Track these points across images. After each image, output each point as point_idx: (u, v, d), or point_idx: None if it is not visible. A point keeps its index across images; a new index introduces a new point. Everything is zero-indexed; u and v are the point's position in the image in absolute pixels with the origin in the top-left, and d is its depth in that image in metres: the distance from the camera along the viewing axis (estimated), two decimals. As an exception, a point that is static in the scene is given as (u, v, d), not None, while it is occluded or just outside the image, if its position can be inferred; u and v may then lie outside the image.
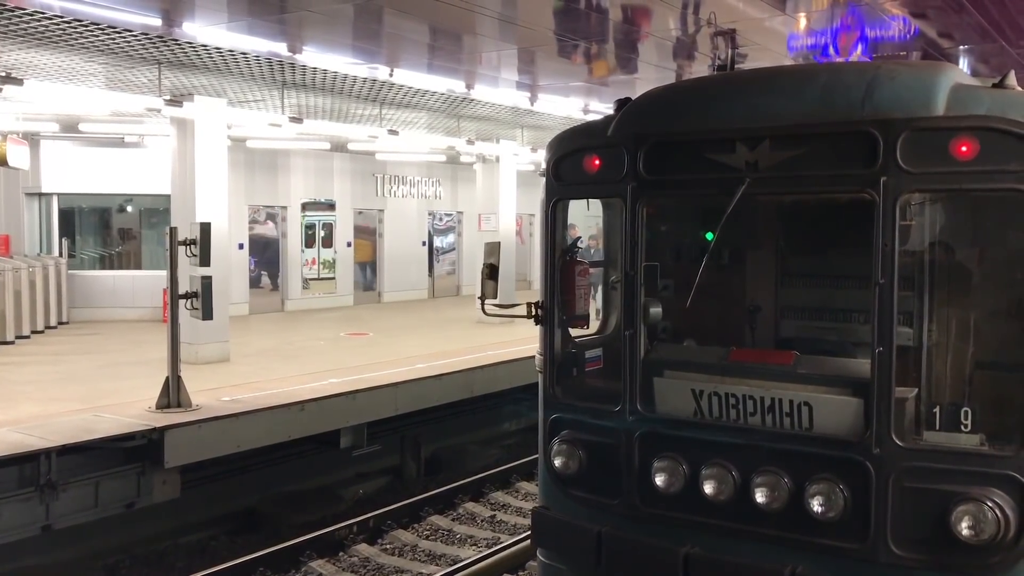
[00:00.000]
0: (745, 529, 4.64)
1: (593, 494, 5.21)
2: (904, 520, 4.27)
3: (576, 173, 5.30)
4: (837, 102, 4.46)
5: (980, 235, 4.93)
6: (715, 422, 4.85)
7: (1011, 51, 12.22)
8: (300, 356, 15.04)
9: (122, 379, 12.70)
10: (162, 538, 10.35)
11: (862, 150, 4.32)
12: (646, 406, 5.02)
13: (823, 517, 4.40)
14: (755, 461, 4.59)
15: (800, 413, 4.63)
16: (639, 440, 4.99)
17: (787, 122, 4.55)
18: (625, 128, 5.07)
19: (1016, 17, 10.61)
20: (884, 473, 4.29)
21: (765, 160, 4.58)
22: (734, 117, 4.72)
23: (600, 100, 16.95)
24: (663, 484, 4.85)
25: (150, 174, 19.38)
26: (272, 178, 22.53)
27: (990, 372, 4.75)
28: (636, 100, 5.27)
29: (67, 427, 9.65)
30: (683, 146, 4.89)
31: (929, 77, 4.45)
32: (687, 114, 5.00)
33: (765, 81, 5.14)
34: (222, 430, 10.26)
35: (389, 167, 25.47)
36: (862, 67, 5.19)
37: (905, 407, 4.51)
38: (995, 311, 4.83)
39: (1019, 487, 4.08)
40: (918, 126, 4.23)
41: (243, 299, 21.28)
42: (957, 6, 9.80)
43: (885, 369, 4.31)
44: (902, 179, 4.24)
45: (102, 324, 19.13)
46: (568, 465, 5.26)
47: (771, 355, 5.43)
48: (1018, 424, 4.19)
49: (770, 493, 4.53)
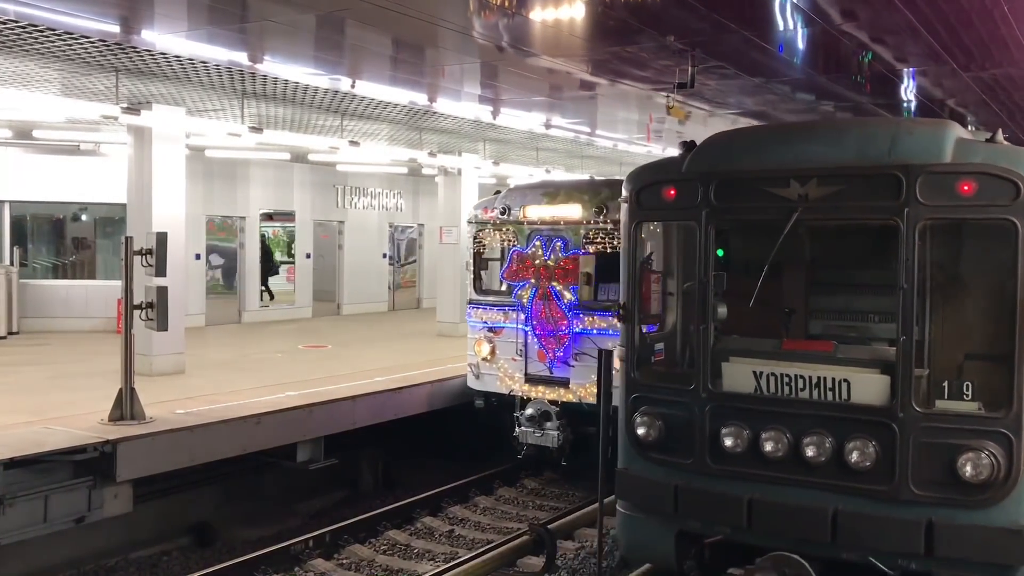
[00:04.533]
0: (796, 478, 6.06)
1: (669, 456, 6.59)
2: (921, 467, 5.73)
3: (654, 200, 6.80)
4: (869, 150, 6.00)
5: (974, 254, 6.49)
6: (772, 396, 6.29)
7: (962, 74, 12.54)
8: (257, 368, 14.88)
9: (74, 391, 12.46)
10: (113, 553, 10.16)
11: (889, 187, 5.83)
12: (715, 385, 6.47)
13: (858, 467, 5.87)
14: (804, 425, 6.05)
15: (840, 388, 6.09)
16: (710, 412, 6.39)
17: (830, 164, 6.07)
18: (697, 166, 6.56)
19: (967, 42, 10.90)
20: (906, 432, 5.77)
21: (813, 193, 6.09)
22: (787, 160, 6.25)
23: (562, 115, 17.08)
24: (730, 445, 6.27)
25: (106, 183, 19.07)
26: (231, 188, 22.32)
27: (982, 359, 6.17)
28: (702, 144, 6.76)
29: (16, 440, 9.43)
30: (746, 181, 6.38)
31: (939, 133, 5.96)
32: (748, 156, 6.48)
33: (810, 132, 6.89)
34: (176, 443, 10.11)
35: (350, 178, 25.37)
36: (887, 123, 7.21)
37: (921, 382, 5.95)
38: (986, 312, 6.33)
39: (1007, 440, 5.58)
40: (931, 170, 5.73)
41: (199, 310, 21.01)
42: (912, 31, 10.03)
43: (907, 353, 5.82)
44: (920, 210, 5.75)
45: (54, 335, 18.78)
46: (648, 434, 6.66)
47: (815, 344, 6.81)
48: (1004, 396, 5.65)
49: (816, 449, 5.99)
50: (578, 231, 11.73)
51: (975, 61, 11.90)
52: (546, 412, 11.89)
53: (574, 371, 11.76)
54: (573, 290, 11.58)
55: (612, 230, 11.28)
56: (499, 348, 12.40)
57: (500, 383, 12.43)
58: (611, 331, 11.26)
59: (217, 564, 9.62)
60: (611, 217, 11.34)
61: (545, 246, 11.98)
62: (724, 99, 14.61)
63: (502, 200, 12.56)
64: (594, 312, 11.58)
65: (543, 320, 11.97)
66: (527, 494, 12.66)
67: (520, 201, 12.37)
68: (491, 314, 12.51)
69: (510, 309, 12.28)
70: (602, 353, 8.53)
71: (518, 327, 12.17)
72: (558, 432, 11.83)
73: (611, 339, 11.11)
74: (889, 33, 10.34)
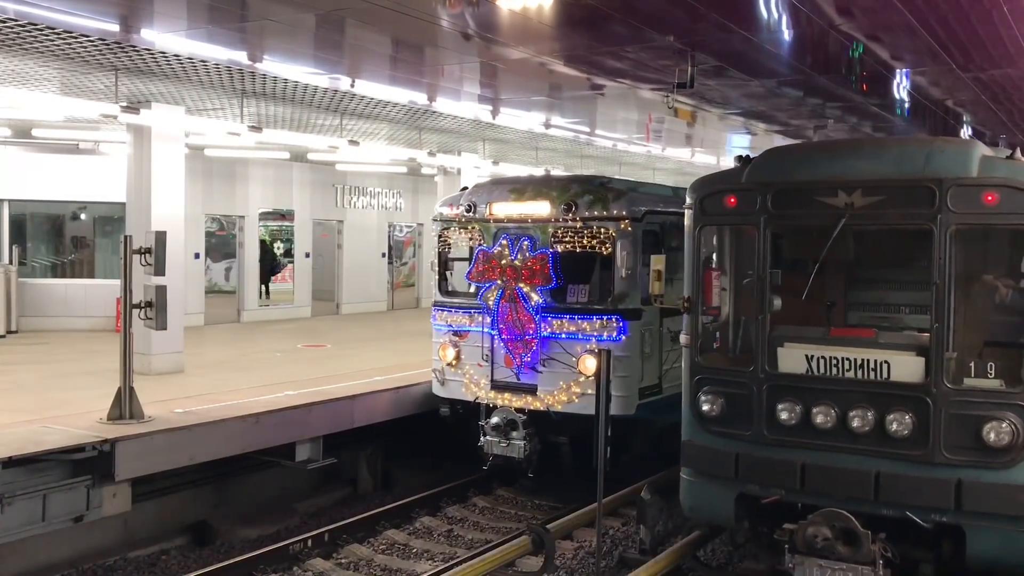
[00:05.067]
0: (843, 446, 7.10)
1: (729, 428, 7.62)
2: (951, 434, 6.78)
3: (716, 207, 7.83)
4: (906, 166, 7.07)
5: (995, 255, 7.67)
6: (821, 376, 7.32)
7: (960, 73, 12.54)
8: (256, 368, 14.88)
9: (73, 390, 12.46)
10: (111, 552, 10.15)
11: (924, 197, 6.88)
12: (772, 367, 7.48)
13: (897, 435, 6.92)
14: (850, 400, 7.09)
15: (881, 368, 7.14)
16: (767, 390, 7.44)
17: (873, 177, 7.08)
18: (755, 177, 7.60)
19: (963, 40, 10.90)
20: (938, 405, 6.81)
21: (858, 202, 7.08)
22: (835, 173, 7.25)
23: (561, 115, 17.08)
24: (785, 418, 7.31)
25: (105, 181, 19.06)
26: (230, 187, 22.31)
27: (1001, 345, 7.21)
28: (759, 158, 7.86)
29: (14, 439, 9.42)
30: (799, 191, 7.40)
31: (966, 151, 7.06)
32: (801, 169, 7.58)
33: (855, 149, 7.73)
34: (175, 442, 10.10)
35: (349, 178, 25.36)
36: (922, 142, 8.38)
37: (951, 363, 6.92)
38: (1003, 307, 7.47)
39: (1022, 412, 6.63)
40: (960, 183, 6.78)
41: (198, 309, 21.00)
42: (909, 30, 10.03)
43: (939, 339, 6.85)
44: (950, 217, 6.79)
45: (53, 333, 18.77)
46: (711, 410, 7.70)
47: (860, 331, 7.87)
48: (1018, 376, 6.76)
49: (861, 421, 7.02)
50: (546, 229, 11.03)
51: (974, 62, 11.90)
52: (512, 421, 11.21)
53: (542, 377, 11.07)
54: (540, 291, 10.99)
55: (581, 228, 10.82)
56: (464, 353, 11.65)
57: (465, 390, 11.67)
58: (580, 335, 10.82)
59: (216, 563, 9.61)
60: (580, 215, 10.82)
61: (512, 245, 11.21)
62: (723, 98, 14.61)
63: (468, 197, 11.83)
64: (562, 315, 10.97)
65: (510, 323, 11.24)
66: (525, 494, 12.65)
67: (486, 198, 11.62)
68: (456, 317, 11.75)
69: (476, 312, 11.51)
70: (602, 353, 8.55)
71: (484, 331, 11.44)
72: (524, 442, 11.12)
73: (580, 343, 10.79)
74: (886, 31, 10.33)
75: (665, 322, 11.17)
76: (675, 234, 10.82)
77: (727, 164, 26.46)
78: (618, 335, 10.73)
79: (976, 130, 18.38)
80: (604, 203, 10.85)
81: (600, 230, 10.78)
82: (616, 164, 25.32)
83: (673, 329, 10.95)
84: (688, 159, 24.12)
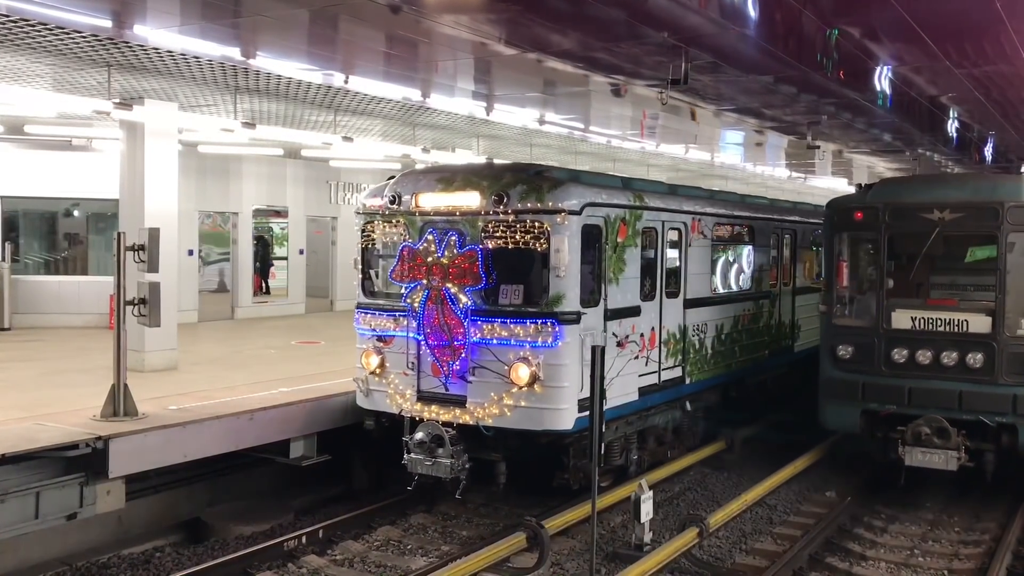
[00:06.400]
0: (937, 375, 10.90)
1: (857, 366, 11.44)
2: (1009, 365, 10.57)
3: (846, 220, 11.78)
4: (981, 192, 11.03)
5: None
6: (922, 330, 11.09)
7: (955, 71, 12.57)
8: (250, 365, 14.85)
9: (66, 387, 12.43)
10: (105, 549, 10.13)
11: (992, 214, 10.74)
12: (887, 324, 11.30)
13: (972, 367, 10.71)
14: (942, 345, 10.89)
15: (962, 324, 10.89)
16: (884, 340, 11.26)
17: (958, 200, 10.97)
18: (876, 198, 11.52)
19: (959, 39, 10.94)
20: (1001, 347, 10.63)
21: (947, 218, 10.91)
22: (932, 197, 11.18)
23: (556, 111, 17.07)
24: (897, 359, 11.14)
25: (98, 178, 19.02)
26: (224, 184, 22.26)
27: None
28: (878, 185, 12.12)
29: (7, 436, 9.40)
30: (907, 209, 11.27)
31: (1018, 184, 10.96)
32: (908, 193, 11.54)
33: (945, 180, 12.58)
34: (169, 439, 10.08)
35: (343, 174, 25.31)
36: (991, 176, 13.70)
37: (1009, 319, 10.68)
38: None
39: None
40: (1016, 204, 10.63)
41: (192, 306, 20.96)
42: (908, 30, 10.05)
43: (1001, 304, 10.69)
44: (1008, 227, 10.64)
45: (46, 330, 18.72)
46: (844, 354, 11.52)
47: (947, 300, 11.51)
48: None
49: (949, 358, 10.82)
50: (476, 223, 9.95)
51: (968, 58, 11.93)
52: (438, 436, 10.08)
53: (472, 388, 10.02)
54: (469, 292, 9.98)
55: (513, 222, 9.79)
56: (389, 360, 10.58)
57: (390, 401, 10.59)
58: (513, 341, 9.78)
59: (210, 560, 9.60)
60: (512, 207, 9.77)
61: (439, 241, 10.15)
62: (718, 94, 14.59)
63: (393, 187, 10.68)
64: (493, 319, 9.92)
65: (436, 328, 10.17)
66: (523, 492, 12.62)
67: (412, 188, 10.51)
68: (380, 320, 10.66)
69: (401, 315, 10.44)
70: (595, 350, 8.37)
71: (409, 336, 10.37)
72: (451, 460, 9.98)
73: (513, 350, 9.78)
74: (884, 30, 10.35)
75: (609, 325, 10.42)
76: (621, 228, 10.25)
77: (722, 160, 26.45)
78: (554, 341, 9.69)
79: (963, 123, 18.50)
80: (539, 194, 9.79)
81: (534, 224, 9.73)
82: (611, 160, 25.29)
83: (618, 334, 10.50)
84: (682, 155, 24.11)
